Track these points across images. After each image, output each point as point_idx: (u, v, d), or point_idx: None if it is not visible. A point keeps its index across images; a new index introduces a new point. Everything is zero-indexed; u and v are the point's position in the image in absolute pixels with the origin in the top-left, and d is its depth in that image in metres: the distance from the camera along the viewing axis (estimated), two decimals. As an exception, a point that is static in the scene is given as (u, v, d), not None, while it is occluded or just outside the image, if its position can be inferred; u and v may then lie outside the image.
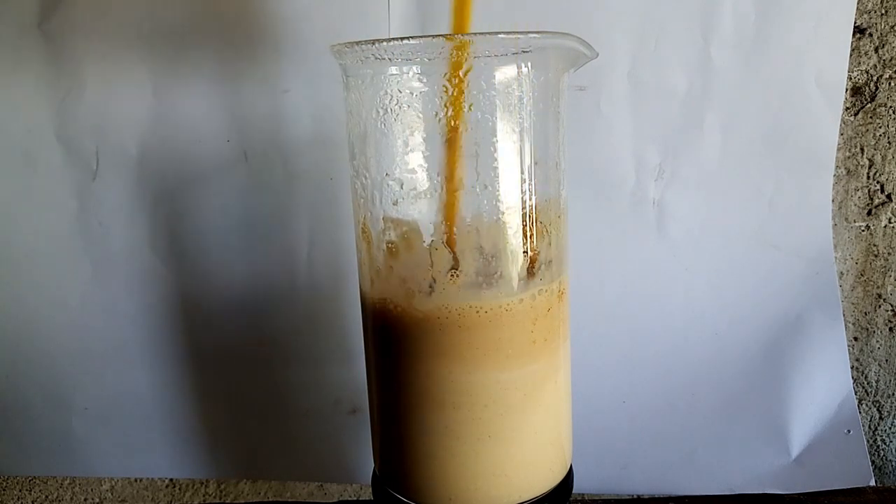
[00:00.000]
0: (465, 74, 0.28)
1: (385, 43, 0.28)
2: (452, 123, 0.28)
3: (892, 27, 0.45)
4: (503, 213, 0.29)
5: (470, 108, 0.28)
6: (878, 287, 0.49)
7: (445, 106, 0.28)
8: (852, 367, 0.50)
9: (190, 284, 0.48)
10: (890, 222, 0.48)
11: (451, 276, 0.30)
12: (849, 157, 0.47)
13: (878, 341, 0.51)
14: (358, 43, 0.28)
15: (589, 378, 0.47)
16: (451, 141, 0.29)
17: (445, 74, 0.28)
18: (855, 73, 0.46)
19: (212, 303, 0.48)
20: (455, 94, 0.28)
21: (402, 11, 0.42)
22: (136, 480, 0.55)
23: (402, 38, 0.28)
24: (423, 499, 0.32)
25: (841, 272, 0.49)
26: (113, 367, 0.49)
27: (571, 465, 0.36)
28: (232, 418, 0.51)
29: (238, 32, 0.43)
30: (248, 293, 0.47)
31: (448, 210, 0.29)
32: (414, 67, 0.28)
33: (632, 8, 0.42)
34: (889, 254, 0.49)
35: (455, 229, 0.29)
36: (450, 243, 0.29)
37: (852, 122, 0.46)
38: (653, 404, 0.49)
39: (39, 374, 0.50)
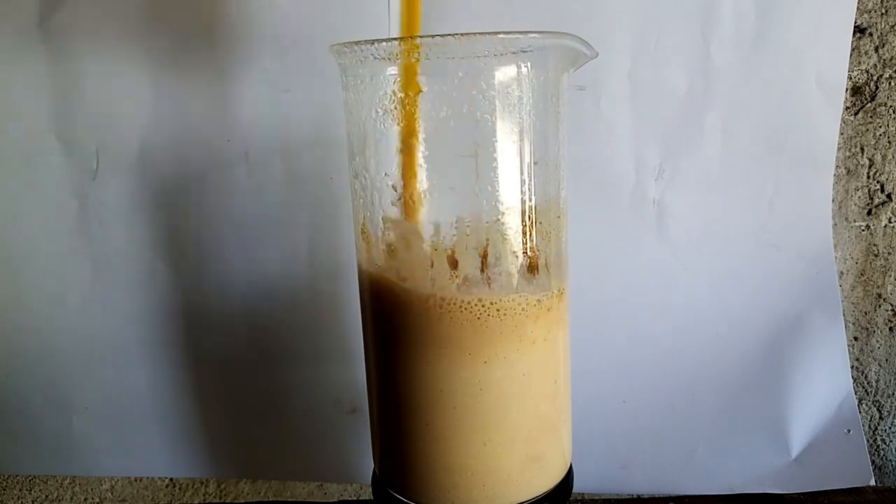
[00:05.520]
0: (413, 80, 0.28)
1: (384, 43, 0.28)
2: (407, 130, 0.28)
3: (892, 27, 0.44)
4: (503, 214, 0.29)
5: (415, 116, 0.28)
6: (878, 287, 0.49)
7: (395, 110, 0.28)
8: (852, 367, 0.50)
9: (190, 284, 0.48)
10: (890, 222, 0.48)
11: (451, 276, 0.30)
12: (849, 157, 0.47)
13: (878, 341, 0.51)
14: (357, 43, 0.28)
15: (589, 378, 0.47)
16: (407, 147, 0.29)
17: (396, 81, 0.28)
18: (855, 73, 0.46)
19: (212, 302, 0.48)
20: (408, 98, 0.28)
21: (401, 11, 0.42)
22: (136, 480, 0.55)
23: (401, 39, 0.28)
24: (423, 499, 0.32)
25: (841, 272, 0.49)
26: (113, 366, 0.49)
27: (571, 465, 0.36)
28: (232, 418, 0.51)
29: (238, 32, 0.43)
30: (248, 293, 0.47)
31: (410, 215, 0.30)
32: (413, 68, 0.28)
33: (632, 8, 0.42)
34: (889, 254, 0.49)
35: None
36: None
37: (852, 121, 0.46)
38: (653, 404, 0.49)
39: (39, 374, 0.50)
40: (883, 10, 0.44)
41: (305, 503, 0.55)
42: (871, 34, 0.45)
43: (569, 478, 0.35)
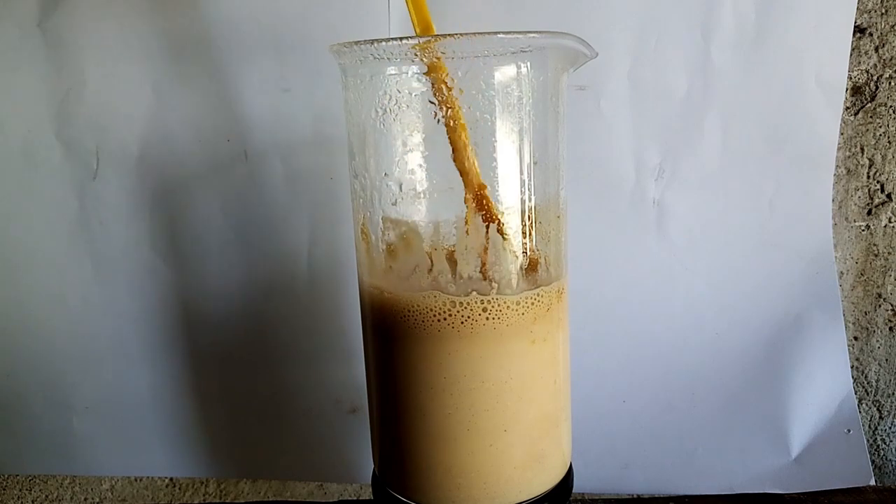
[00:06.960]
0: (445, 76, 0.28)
1: (384, 43, 0.28)
2: (451, 124, 0.28)
3: (892, 27, 0.44)
4: (503, 213, 0.29)
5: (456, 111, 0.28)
6: (878, 287, 0.49)
7: (443, 108, 0.28)
8: (852, 367, 0.50)
9: (190, 284, 0.48)
10: (890, 222, 0.48)
11: (451, 276, 0.30)
12: (849, 157, 0.47)
13: (878, 341, 0.51)
14: (357, 43, 0.28)
15: (589, 378, 0.47)
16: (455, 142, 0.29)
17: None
18: (855, 73, 0.46)
19: (212, 302, 0.48)
20: (447, 94, 0.28)
21: (402, 11, 0.42)
22: (136, 480, 0.55)
23: (401, 38, 0.28)
24: (423, 499, 0.32)
25: (841, 272, 0.49)
26: (113, 366, 0.49)
27: (571, 465, 0.36)
28: (232, 418, 0.51)
29: (238, 32, 0.43)
30: (248, 293, 0.47)
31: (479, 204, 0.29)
32: (413, 67, 0.29)
33: (632, 8, 0.42)
34: (889, 253, 0.49)
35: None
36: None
37: (852, 121, 0.46)
38: (653, 404, 0.49)
39: (39, 374, 0.50)
40: (883, 10, 0.44)
41: (305, 503, 0.55)
42: (871, 34, 0.45)
43: (569, 477, 0.35)
